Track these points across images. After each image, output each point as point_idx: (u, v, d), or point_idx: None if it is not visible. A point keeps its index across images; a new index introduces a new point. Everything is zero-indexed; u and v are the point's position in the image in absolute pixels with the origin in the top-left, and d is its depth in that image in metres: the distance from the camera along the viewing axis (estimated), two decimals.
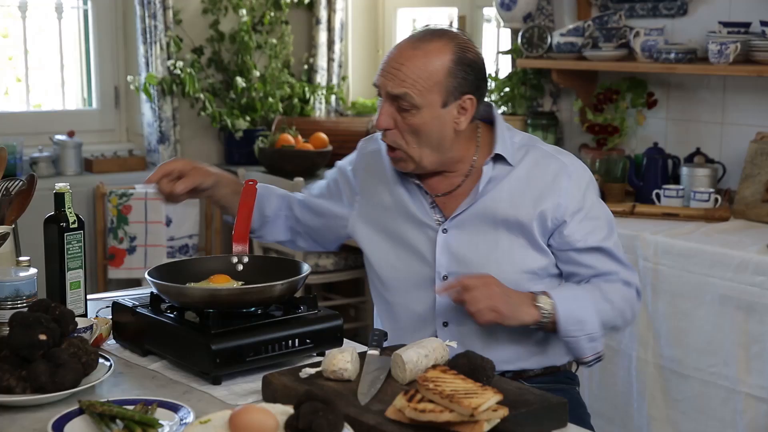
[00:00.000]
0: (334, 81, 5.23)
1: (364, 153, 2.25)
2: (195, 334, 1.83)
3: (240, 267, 2.09)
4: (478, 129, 2.10)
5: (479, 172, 2.07)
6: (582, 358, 2.05)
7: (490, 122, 2.12)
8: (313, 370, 1.76)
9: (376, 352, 1.83)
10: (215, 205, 2.33)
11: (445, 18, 5.10)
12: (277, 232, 2.31)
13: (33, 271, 1.98)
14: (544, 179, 2.05)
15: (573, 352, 2.05)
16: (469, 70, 2.00)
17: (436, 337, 2.07)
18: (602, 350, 2.07)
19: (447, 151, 2.05)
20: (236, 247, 2.08)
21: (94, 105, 4.94)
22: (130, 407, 1.61)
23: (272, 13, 4.99)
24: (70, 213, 2.05)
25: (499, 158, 2.06)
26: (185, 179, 2.13)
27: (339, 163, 2.31)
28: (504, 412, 1.54)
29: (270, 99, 4.94)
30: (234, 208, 2.17)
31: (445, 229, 2.08)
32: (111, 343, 2.05)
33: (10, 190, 2.14)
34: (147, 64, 4.70)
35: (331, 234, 2.30)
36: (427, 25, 2.07)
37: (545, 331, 2.03)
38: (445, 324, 2.10)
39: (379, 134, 2.15)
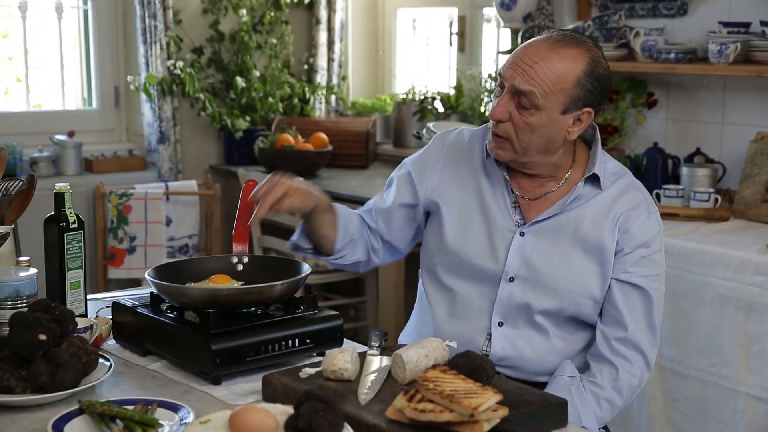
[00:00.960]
0: (334, 81, 5.23)
1: (444, 144, 2.22)
2: (195, 334, 1.84)
3: (240, 267, 2.09)
4: (576, 144, 2.11)
5: (571, 186, 2.08)
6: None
7: (585, 141, 2.14)
8: (313, 370, 1.76)
9: (376, 352, 1.83)
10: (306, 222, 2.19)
11: (444, 18, 5.10)
12: (359, 251, 2.22)
13: (33, 271, 1.98)
14: (627, 206, 2.06)
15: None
16: (596, 84, 2.00)
17: (489, 332, 2.08)
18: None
19: (550, 156, 2.06)
20: (236, 247, 2.08)
21: (94, 105, 4.94)
22: (130, 407, 1.61)
23: (272, 13, 4.98)
24: (70, 213, 2.05)
25: (591, 179, 2.07)
26: (288, 199, 2.03)
27: (406, 160, 2.27)
28: (504, 412, 1.54)
29: (270, 99, 4.94)
30: (314, 223, 2.12)
31: (522, 232, 2.07)
32: (111, 343, 2.05)
33: (10, 190, 2.14)
34: (147, 64, 4.70)
35: (411, 231, 2.24)
36: (565, 30, 2.07)
37: None
38: (500, 324, 2.09)
39: (457, 129, 2.22)
